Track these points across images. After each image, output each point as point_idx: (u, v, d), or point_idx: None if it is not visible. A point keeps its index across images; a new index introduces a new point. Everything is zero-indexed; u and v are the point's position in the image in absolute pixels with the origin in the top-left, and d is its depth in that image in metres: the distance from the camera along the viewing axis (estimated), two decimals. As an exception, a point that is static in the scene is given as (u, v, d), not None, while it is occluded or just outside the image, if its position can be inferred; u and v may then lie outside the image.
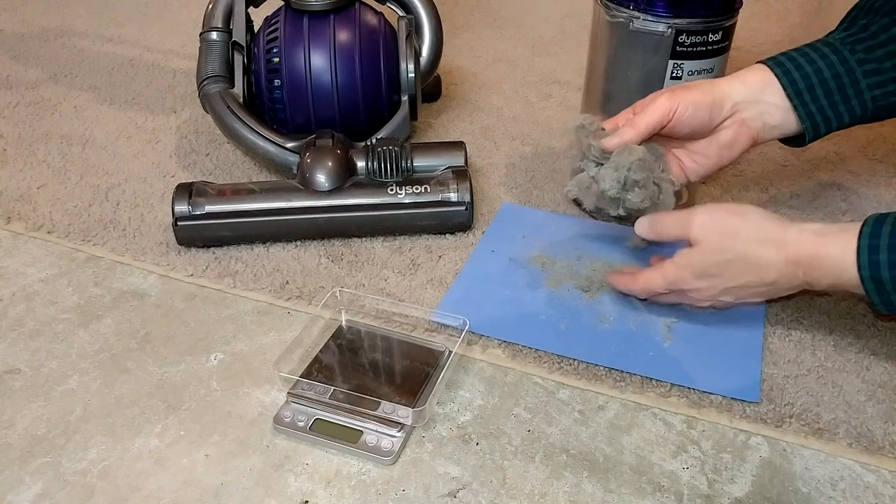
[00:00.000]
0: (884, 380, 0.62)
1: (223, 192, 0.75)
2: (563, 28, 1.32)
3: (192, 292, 0.72)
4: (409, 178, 0.77)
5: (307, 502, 0.53)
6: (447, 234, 0.79)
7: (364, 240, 0.78)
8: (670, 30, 0.68)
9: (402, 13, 0.91)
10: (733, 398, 0.60)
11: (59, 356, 0.65)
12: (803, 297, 0.70)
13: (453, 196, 0.76)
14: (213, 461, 0.56)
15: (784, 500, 0.53)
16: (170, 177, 0.88)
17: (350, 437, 0.57)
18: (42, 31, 1.26)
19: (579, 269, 0.73)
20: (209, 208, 0.74)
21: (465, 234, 0.79)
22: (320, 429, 0.58)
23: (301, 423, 0.58)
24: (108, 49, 1.21)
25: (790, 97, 0.65)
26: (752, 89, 0.66)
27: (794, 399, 0.60)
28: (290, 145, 0.82)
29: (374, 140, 0.81)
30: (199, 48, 0.88)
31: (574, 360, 0.64)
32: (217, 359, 0.64)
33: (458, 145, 0.81)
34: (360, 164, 0.77)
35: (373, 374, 0.62)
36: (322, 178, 0.75)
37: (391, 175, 0.77)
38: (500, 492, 0.54)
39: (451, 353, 0.63)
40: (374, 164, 0.77)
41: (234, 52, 0.87)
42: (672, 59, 0.69)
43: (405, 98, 0.86)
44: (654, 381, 0.62)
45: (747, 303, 0.66)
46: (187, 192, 0.75)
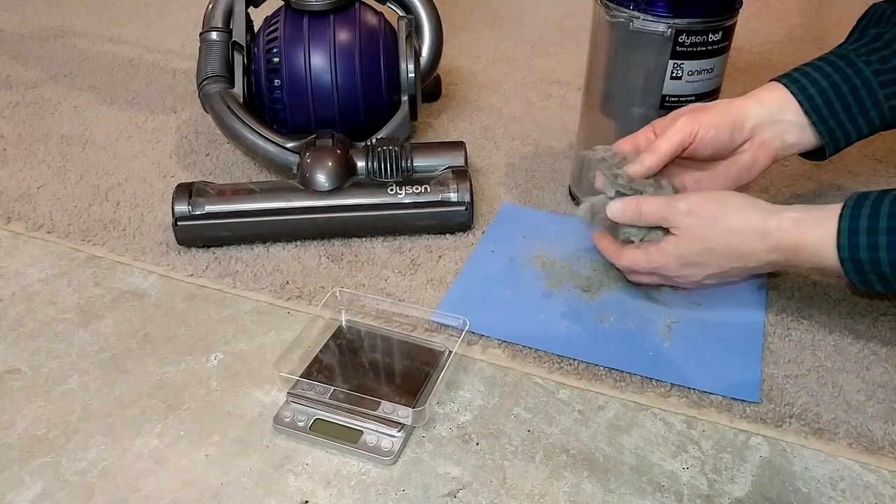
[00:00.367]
0: (884, 380, 0.62)
1: (223, 192, 0.75)
2: (563, 28, 1.32)
3: (192, 292, 0.72)
4: (409, 178, 0.77)
5: (307, 502, 0.53)
6: (447, 234, 0.79)
7: (364, 240, 0.78)
8: (670, 30, 0.68)
9: (402, 13, 0.91)
10: (733, 398, 0.60)
11: (59, 356, 0.65)
12: (803, 296, 0.70)
13: (453, 196, 0.76)
14: (213, 461, 0.56)
15: (784, 500, 0.53)
16: (170, 177, 0.88)
17: (350, 437, 0.57)
18: (42, 31, 1.26)
19: (579, 269, 0.73)
20: (209, 208, 0.74)
21: (465, 234, 0.79)
22: (320, 429, 0.58)
23: (301, 423, 0.58)
24: (108, 49, 1.21)
25: (808, 113, 0.65)
26: (769, 108, 0.65)
27: (794, 399, 0.60)
28: (290, 145, 0.82)
29: (374, 140, 0.81)
30: (199, 48, 0.88)
31: (574, 360, 0.64)
32: (217, 359, 0.64)
33: (458, 145, 0.81)
34: (360, 164, 0.78)
35: (373, 374, 0.62)
36: (322, 178, 0.75)
37: (391, 175, 0.77)
38: (500, 492, 0.54)
39: (451, 353, 0.63)
40: (374, 164, 0.77)
41: (234, 52, 0.87)
42: (672, 59, 0.69)
43: (405, 98, 0.86)
44: (654, 381, 0.62)
45: (731, 281, 0.68)
46: (187, 192, 0.75)
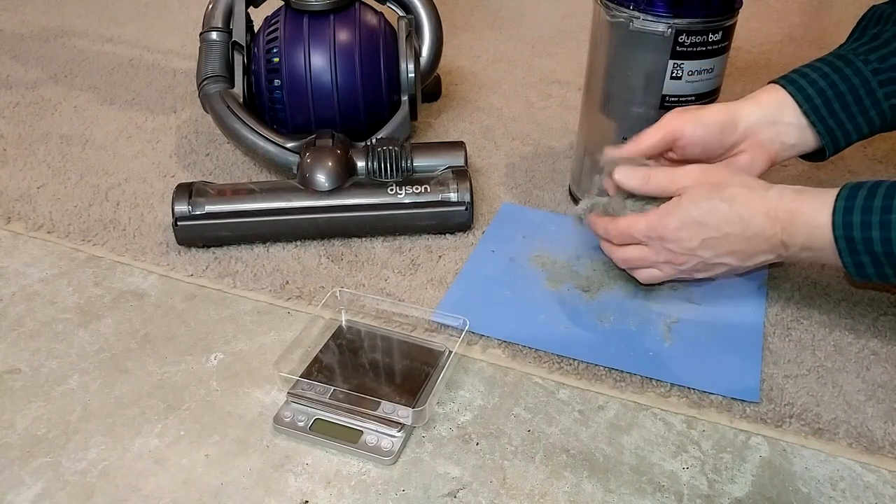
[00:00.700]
0: (884, 380, 0.62)
1: (223, 192, 0.75)
2: (563, 28, 1.32)
3: (192, 292, 0.72)
4: (409, 178, 0.77)
5: (307, 502, 0.53)
6: (447, 234, 0.79)
7: (364, 240, 0.78)
8: (670, 30, 0.68)
9: (402, 13, 0.91)
10: (733, 398, 0.60)
11: (59, 356, 0.65)
12: (803, 296, 0.70)
13: (453, 196, 0.76)
14: (213, 461, 0.56)
15: (784, 500, 0.53)
16: (170, 177, 0.88)
17: (350, 437, 0.57)
18: (42, 31, 1.26)
19: (579, 269, 0.73)
20: (209, 208, 0.74)
21: (465, 234, 0.79)
22: (320, 429, 0.58)
23: (301, 423, 0.58)
24: (108, 49, 1.21)
25: (807, 114, 0.65)
26: (767, 110, 0.65)
27: (794, 399, 0.60)
28: (290, 145, 0.82)
29: (374, 140, 0.81)
30: (199, 48, 0.88)
31: (574, 360, 0.64)
32: (217, 359, 0.64)
33: (458, 145, 0.81)
34: (360, 164, 0.78)
35: (373, 374, 0.62)
36: (322, 178, 0.75)
37: (391, 175, 0.77)
38: (500, 492, 0.54)
39: (451, 353, 0.63)
40: (374, 164, 0.77)
41: (234, 52, 0.87)
42: (672, 59, 0.69)
43: (405, 98, 0.86)
44: (654, 381, 0.62)
45: (720, 273, 0.65)
46: (187, 192, 0.75)
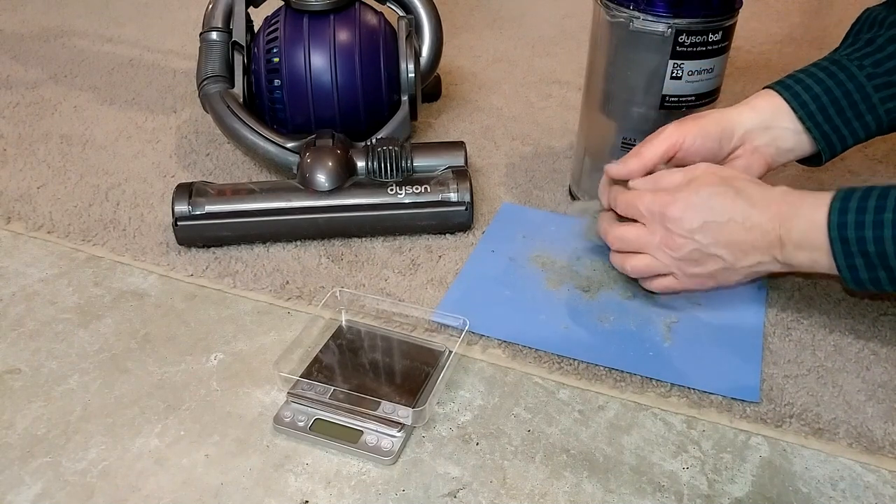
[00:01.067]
0: (884, 380, 0.62)
1: (223, 192, 0.75)
2: (563, 28, 1.32)
3: (192, 292, 0.72)
4: (409, 178, 0.77)
5: (307, 502, 0.53)
6: (447, 234, 0.79)
7: (364, 240, 0.78)
8: (670, 30, 0.68)
9: (402, 13, 0.91)
10: (733, 398, 0.60)
11: (59, 356, 0.65)
12: (803, 296, 0.70)
13: (453, 196, 0.76)
14: (213, 461, 0.56)
15: (784, 500, 0.53)
16: (170, 177, 0.88)
17: (350, 437, 0.57)
18: (42, 31, 1.26)
19: (579, 269, 0.73)
20: (209, 208, 0.74)
21: (465, 234, 0.79)
22: (320, 429, 0.58)
23: (301, 423, 0.58)
24: (108, 49, 1.21)
25: (802, 120, 0.65)
26: (762, 115, 0.65)
27: (794, 399, 0.60)
28: (290, 145, 0.82)
29: (374, 140, 0.81)
30: (199, 48, 0.88)
31: (574, 360, 0.64)
32: (217, 359, 0.64)
33: (458, 145, 0.81)
34: (360, 164, 0.77)
35: (373, 374, 0.62)
36: (322, 178, 0.75)
37: (391, 175, 0.77)
38: (500, 492, 0.54)
39: (451, 353, 0.63)
40: (374, 164, 0.77)
41: (234, 52, 0.87)
42: (672, 59, 0.69)
43: (405, 98, 0.86)
44: (654, 381, 0.62)
45: (710, 269, 0.62)
46: (187, 192, 0.75)
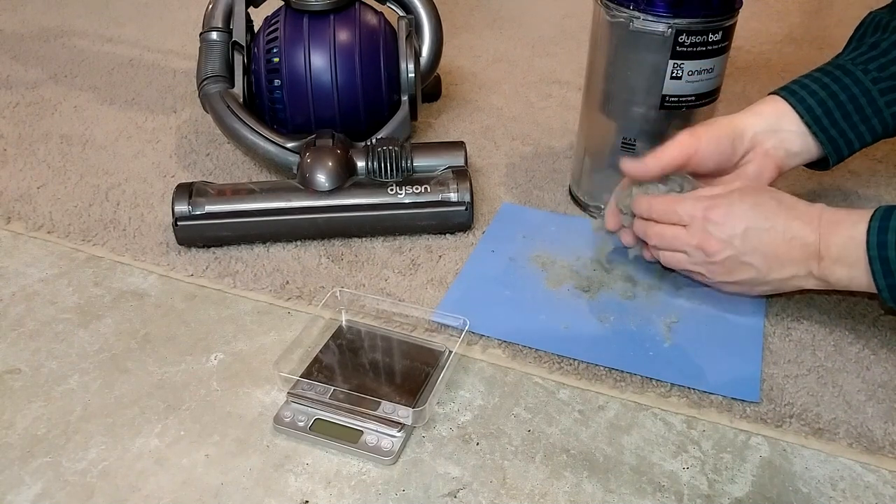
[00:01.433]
0: (884, 380, 0.62)
1: (223, 192, 0.75)
2: (563, 28, 1.32)
3: (192, 292, 0.72)
4: (409, 178, 0.77)
5: (307, 502, 0.53)
6: (447, 234, 0.79)
7: (364, 240, 0.78)
8: (670, 30, 0.68)
9: (402, 13, 0.91)
10: (733, 398, 0.60)
11: (59, 356, 0.65)
12: (803, 296, 0.70)
13: (453, 196, 0.76)
14: (213, 461, 0.56)
15: (784, 500, 0.53)
16: (170, 177, 0.88)
17: (350, 437, 0.57)
18: (42, 31, 1.26)
19: (579, 269, 0.73)
20: (209, 208, 0.74)
21: (465, 234, 0.79)
22: (320, 429, 0.58)
23: (301, 423, 0.58)
24: (108, 49, 1.21)
25: (808, 124, 0.65)
26: (769, 120, 0.66)
27: (794, 399, 0.60)
28: (290, 145, 0.82)
29: (374, 140, 0.81)
30: (199, 48, 0.88)
31: (574, 360, 0.64)
32: (217, 359, 0.64)
33: (458, 145, 0.81)
34: (360, 164, 0.78)
35: (373, 374, 0.62)
36: (322, 178, 0.75)
37: (391, 175, 0.77)
38: (500, 492, 0.54)
39: (451, 353, 0.63)
40: (374, 164, 0.77)
41: (234, 52, 0.87)
42: (672, 59, 0.69)
43: (405, 98, 0.86)
44: (654, 381, 0.62)
45: (741, 278, 0.63)
46: (187, 192, 0.75)
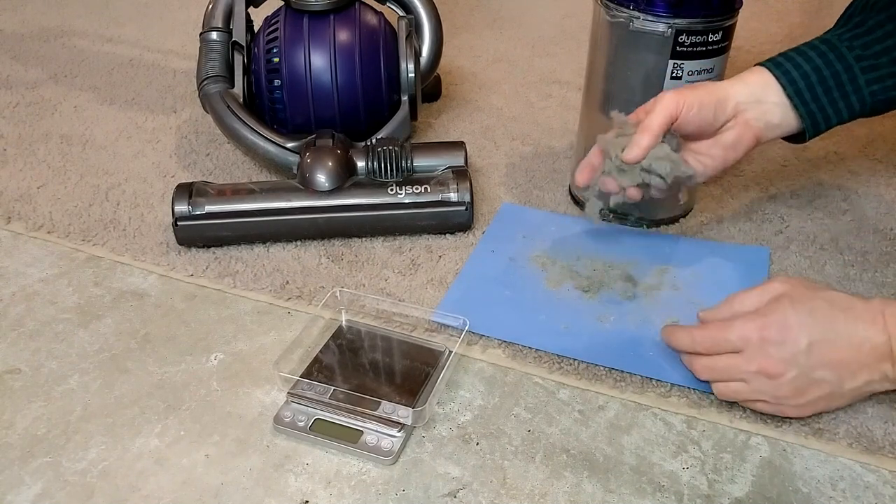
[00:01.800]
0: (884, 380, 0.62)
1: (223, 192, 0.75)
2: (563, 28, 1.32)
3: (192, 292, 0.72)
4: (409, 178, 0.77)
5: (307, 502, 0.53)
6: (447, 234, 0.79)
7: (364, 240, 0.78)
8: (670, 30, 0.68)
9: (402, 13, 0.91)
10: (733, 398, 0.60)
11: (59, 356, 0.65)
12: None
13: (453, 196, 0.76)
14: (213, 461, 0.56)
15: (784, 500, 0.53)
16: (170, 177, 0.88)
17: (350, 437, 0.57)
18: (42, 31, 1.26)
19: (579, 269, 0.73)
20: (209, 208, 0.74)
21: (465, 234, 0.79)
22: (320, 429, 0.58)
23: (301, 423, 0.58)
24: (108, 49, 1.21)
25: (790, 96, 0.66)
26: (753, 90, 0.66)
27: (794, 399, 0.60)
28: (290, 145, 0.82)
29: (374, 140, 0.81)
30: (199, 48, 0.88)
31: (574, 360, 0.64)
32: (217, 359, 0.64)
33: (458, 145, 0.81)
34: (360, 164, 0.77)
35: (373, 374, 0.62)
36: (322, 178, 0.75)
37: (391, 175, 0.77)
38: (500, 492, 0.54)
39: (451, 353, 0.63)
40: (374, 164, 0.77)
41: (234, 52, 0.87)
42: (672, 59, 0.69)
43: (405, 98, 0.86)
44: (654, 381, 0.62)
45: (813, 397, 0.55)
46: (187, 192, 0.75)
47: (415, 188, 0.76)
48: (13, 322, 0.68)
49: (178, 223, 0.74)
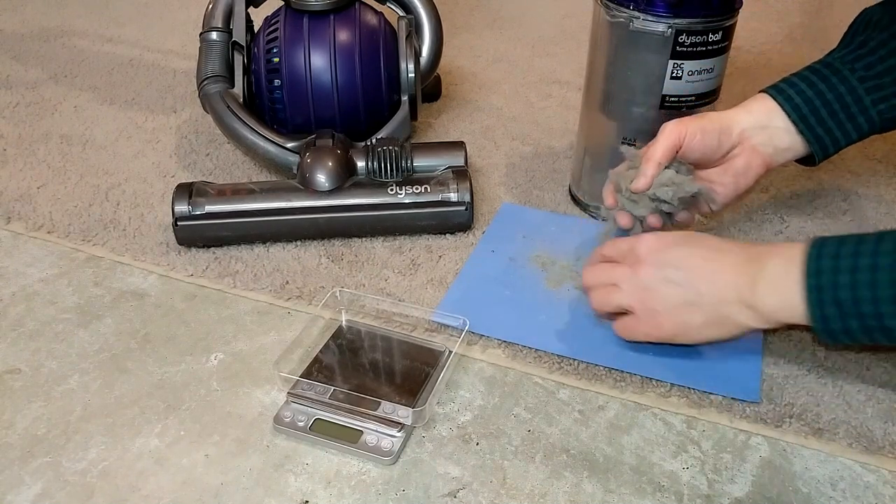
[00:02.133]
0: (884, 380, 0.62)
1: (223, 192, 0.75)
2: (563, 28, 1.32)
3: (192, 292, 0.72)
4: (409, 178, 0.77)
5: (307, 502, 0.53)
6: (447, 234, 0.79)
7: (364, 240, 0.78)
8: (670, 30, 0.68)
9: (402, 13, 0.91)
10: (733, 398, 0.60)
11: (59, 356, 0.65)
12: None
13: (453, 196, 0.76)
14: (213, 461, 0.56)
15: (784, 500, 0.53)
16: (170, 177, 0.88)
17: (350, 437, 0.57)
18: (42, 31, 1.26)
19: (579, 269, 0.73)
20: (209, 208, 0.74)
21: (465, 234, 0.79)
22: (320, 429, 0.58)
23: (301, 423, 0.58)
24: (108, 49, 1.21)
25: (794, 122, 0.66)
26: (757, 117, 0.66)
27: (794, 399, 0.60)
28: (290, 145, 0.82)
29: (374, 140, 0.81)
30: (199, 48, 0.88)
31: (574, 360, 0.64)
32: (217, 359, 0.64)
33: (458, 145, 0.81)
34: (360, 164, 0.78)
35: (373, 374, 0.62)
36: (322, 178, 0.75)
37: (391, 175, 0.77)
38: (500, 492, 0.54)
39: (451, 353, 0.63)
40: (374, 164, 0.77)
41: (234, 52, 0.87)
42: (672, 59, 0.69)
43: (405, 98, 0.86)
44: (654, 381, 0.62)
45: (672, 305, 0.59)
46: (187, 192, 0.75)
47: (415, 188, 0.76)
48: (13, 322, 0.68)
49: (178, 223, 0.74)
